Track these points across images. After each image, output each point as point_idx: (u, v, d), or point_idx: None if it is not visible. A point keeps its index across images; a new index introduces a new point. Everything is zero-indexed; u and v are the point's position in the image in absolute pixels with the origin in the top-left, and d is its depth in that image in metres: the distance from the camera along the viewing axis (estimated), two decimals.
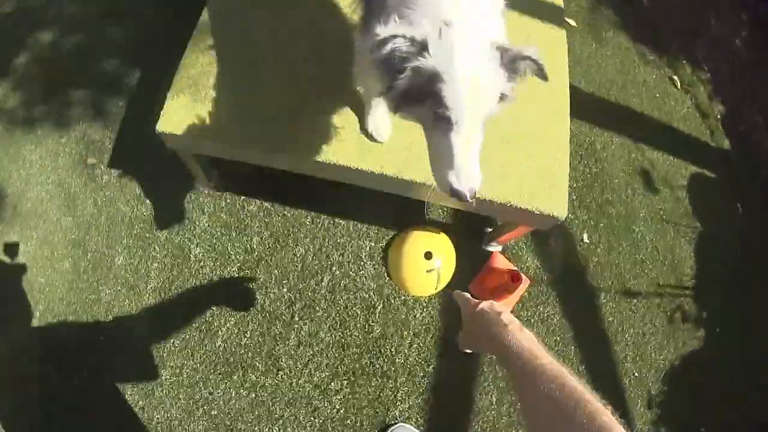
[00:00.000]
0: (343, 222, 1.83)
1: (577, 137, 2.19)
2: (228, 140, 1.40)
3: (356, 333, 1.77)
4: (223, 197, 1.79)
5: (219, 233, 1.78)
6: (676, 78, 2.61)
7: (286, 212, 1.81)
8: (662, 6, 2.83)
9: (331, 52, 1.49)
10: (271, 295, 1.75)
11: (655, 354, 1.96)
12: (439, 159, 0.91)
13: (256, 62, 1.50)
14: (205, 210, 1.78)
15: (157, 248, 1.76)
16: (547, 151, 1.52)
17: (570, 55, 1.71)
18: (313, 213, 1.83)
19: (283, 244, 1.79)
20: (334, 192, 1.68)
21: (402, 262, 1.81)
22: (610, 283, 2.03)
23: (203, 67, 1.49)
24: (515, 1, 1.16)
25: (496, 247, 1.93)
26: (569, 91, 1.63)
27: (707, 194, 2.36)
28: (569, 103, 1.61)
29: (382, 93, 0.95)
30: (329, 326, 1.76)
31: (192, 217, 1.78)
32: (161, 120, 1.40)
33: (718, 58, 2.91)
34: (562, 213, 1.45)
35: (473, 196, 0.89)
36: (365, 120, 1.42)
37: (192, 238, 1.77)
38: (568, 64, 1.71)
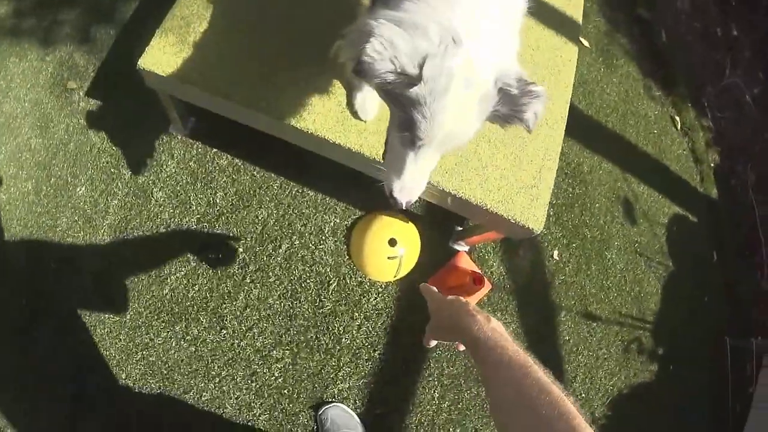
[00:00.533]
0: (311, 193, 1.88)
1: (567, 155, 2.25)
2: (209, 89, 1.43)
3: (306, 306, 1.81)
4: (195, 146, 1.83)
5: (184, 181, 1.81)
6: (677, 119, 2.69)
7: (255, 173, 1.84)
8: (681, 45, 2.92)
9: (330, 18, 1.50)
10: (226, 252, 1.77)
11: (605, 379, 2.02)
12: (392, 161, 0.96)
13: (251, 15, 1.53)
14: (175, 155, 1.81)
15: (120, 185, 1.79)
16: (534, 161, 1.55)
17: (576, 73, 1.76)
18: (283, 178, 1.88)
19: (246, 204, 1.82)
20: (309, 161, 1.74)
21: (365, 244, 1.85)
22: (572, 303, 2.08)
23: (198, 10, 1.52)
24: (536, 8, 1.17)
25: (463, 247, 1.98)
26: (569, 109, 1.67)
27: (685, 236, 2.43)
28: (566, 121, 1.65)
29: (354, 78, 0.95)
30: (280, 294, 1.80)
31: (160, 160, 1.81)
32: (144, 56, 1.43)
33: (725, 109, 3.00)
34: (538, 227, 1.48)
35: (409, 206, 0.97)
36: (353, 95, 1.45)
37: (156, 181, 1.79)
38: (573, 82, 1.75)
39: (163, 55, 1.44)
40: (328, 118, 1.44)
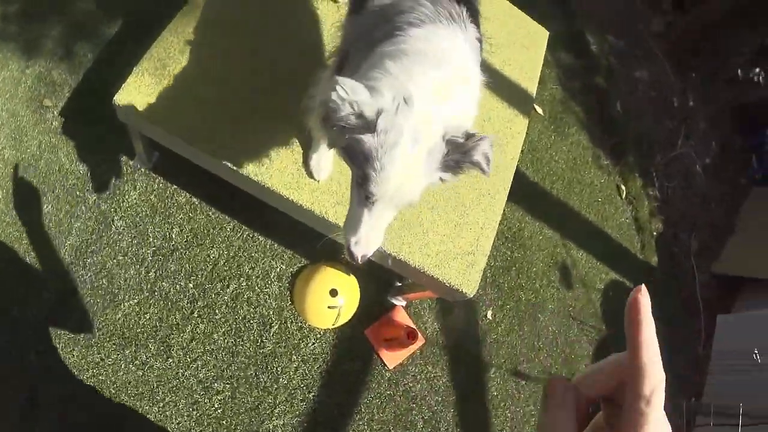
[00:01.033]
0: (262, 238, 2.06)
1: (509, 220, 2.48)
2: (174, 132, 1.60)
3: (248, 344, 1.99)
4: (157, 180, 1.99)
5: (144, 213, 1.97)
6: (623, 188, 2.95)
7: (211, 213, 2.02)
8: (635, 114, 3.19)
9: (299, 77, 1.65)
10: (177, 286, 1.94)
11: None
12: (350, 217, 1.08)
13: (225, 68, 1.71)
14: (137, 187, 1.98)
15: (83, 208, 1.94)
16: (473, 229, 1.77)
17: (526, 140, 1.97)
18: (236, 222, 2.07)
19: (200, 242, 1.99)
20: (262, 209, 1.93)
21: (307, 291, 2.04)
22: (502, 360, 2.29)
23: (174, 53, 1.68)
24: (492, 80, 1.31)
25: (400, 302, 2.19)
26: (514, 175, 1.88)
27: (621, 301, 2.59)
28: (508, 191, 1.86)
29: (322, 127, 1.09)
30: (224, 331, 1.97)
31: (123, 189, 1.98)
32: (120, 93, 1.58)
33: (673, 178, 3.28)
34: (471, 291, 1.69)
35: (364, 261, 1.09)
36: (308, 155, 1.63)
37: (117, 210, 1.96)
38: (521, 150, 1.95)
39: (137, 95, 1.58)
40: (284, 174, 1.62)
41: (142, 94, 1.60)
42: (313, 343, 2.07)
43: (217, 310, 1.99)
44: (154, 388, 1.87)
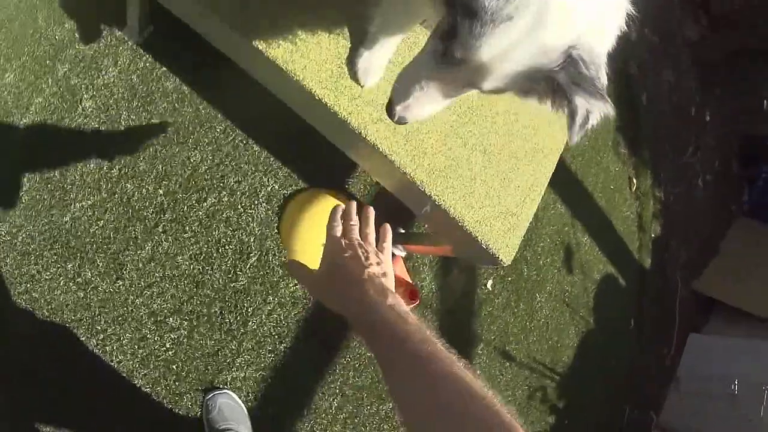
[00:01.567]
0: (256, 148, 1.80)
1: None
2: None
3: (218, 275, 1.73)
4: (144, 58, 1.67)
5: (120, 95, 1.65)
6: (635, 181, 2.88)
7: (201, 107, 1.73)
8: (657, 112, 3.13)
9: None
10: (144, 191, 1.65)
11: None
12: (413, 68, 0.86)
13: None
14: (119, 63, 1.65)
15: (50, 81, 1.60)
16: (521, 188, 1.52)
17: None
18: (229, 123, 1.77)
19: (181, 140, 1.70)
20: (265, 112, 1.64)
21: (300, 222, 1.80)
22: (492, 337, 2.16)
23: None
24: None
25: (400, 252, 1.99)
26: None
27: (610, 298, 2.61)
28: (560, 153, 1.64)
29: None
30: (192, 254, 1.70)
31: (101, 63, 1.64)
32: None
33: (678, 184, 3.26)
34: (508, 258, 1.46)
35: (400, 123, 0.89)
36: (356, 53, 1.30)
37: (90, 87, 1.63)
38: None
39: None
40: (321, 70, 1.30)
41: None
42: (295, 285, 1.80)
43: (188, 228, 1.69)
44: (96, 315, 1.57)
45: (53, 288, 1.55)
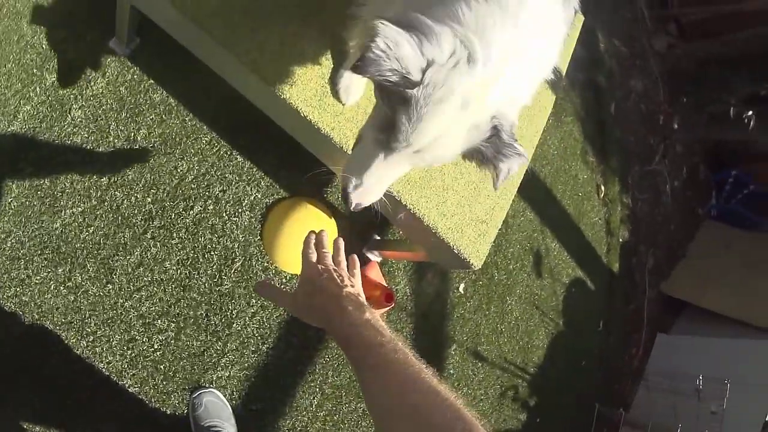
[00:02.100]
0: (240, 159, 1.93)
1: None
2: (186, 11, 1.33)
3: (204, 279, 1.86)
4: (132, 71, 1.80)
5: (108, 106, 1.77)
6: (603, 188, 3.09)
7: (188, 119, 1.85)
8: (624, 122, 3.35)
9: None
10: (133, 198, 1.78)
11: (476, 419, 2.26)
12: (358, 158, 0.98)
13: None
14: (107, 75, 1.77)
15: (38, 90, 1.70)
16: (490, 196, 1.68)
17: None
18: (215, 134, 1.90)
19: (168, 150, 1.83)
20: (248, 125, 1.79)
21: (282, 229, 1.94)
22: (465, 338, 2.33)
23: None
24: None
25: (376, 257, 2.14)
26: None
27: (580, 301, 2.80)
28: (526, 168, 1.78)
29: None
30: (179, 259, 1.83)
31: (90, 75, 1.76)
32: None
33: (645, 191, 3.49)
34: (478, 262, 1.63)
35: (357, 210, 1.00)
36: (338, 72, 1.45)
37: (78, 98, 1.74)
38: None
39: None
40: (307, 89, 1.43)
41: None
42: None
43: (175, 234, 1.83)
44: (86, 317, 1.69)
45: (43, 292, 1.65)
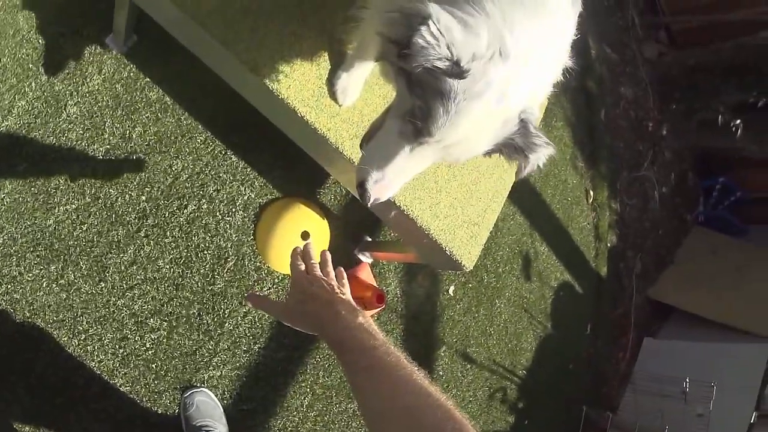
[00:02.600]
0: (234, 158, 1.98)
1: None
2: (185, 8, 1.36)
3: (197, 278, 1.91)
4: (128, 68, 1.84)
5: (104, 103, 1.82)
6: (591, 193, 3.19)
7: (183, 118, 1.90)
8: (613, 128, 3.45)
9: None
10: (127, 196, 1.82)
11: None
12: (379, 149, 0.97)
13: None
14: (103, 72, 1.82)
15: (33, 85, 1.74)
16: (483, 199, 1.75)
17: None
18: (210, 134, 1.95)
19: (163, 149, 1.88)
20: (243, 125, 1.84)
21: (275, 229, 2.00)
22: (454, 340, 2.40)
23: None
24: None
25: (367, 258, 2.21)
26: None
27: (569, 304, 2.90)
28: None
29: (381, 53, 0.98)
30: (172, 258, 1.88)
31: (86, 71, 1.80)
32: None
33: (633, 197, 3.61)
34: (470, 264, 1.69)
35: (375, 204, 1.00)
36: (336, 74, 1.49)
37: (74, 94, 1.78)
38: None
39: None
40: (304, 89, 1.47)
41: None
42: (269, 288, 2.01)
43: (169, 233, 1.87)
44: (78, 315, 1.72)
45: (35, 289, 1.68)
